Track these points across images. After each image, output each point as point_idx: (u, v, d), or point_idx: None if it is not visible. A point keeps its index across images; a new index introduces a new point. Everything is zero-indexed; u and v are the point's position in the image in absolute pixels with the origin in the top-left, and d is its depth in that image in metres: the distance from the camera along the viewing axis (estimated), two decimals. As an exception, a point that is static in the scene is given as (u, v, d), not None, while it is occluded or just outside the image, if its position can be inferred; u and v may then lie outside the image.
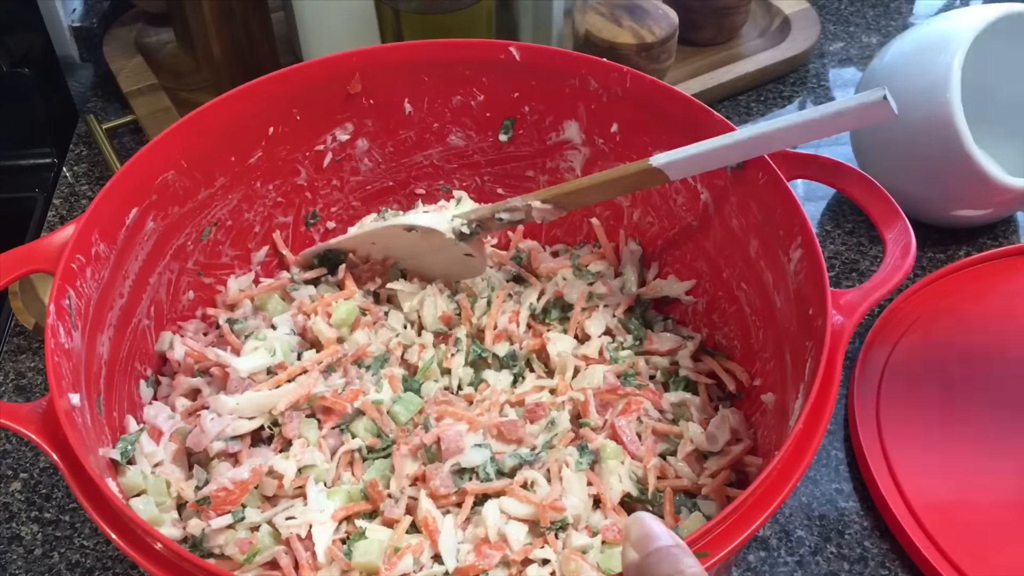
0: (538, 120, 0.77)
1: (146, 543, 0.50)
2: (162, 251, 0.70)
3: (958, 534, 0.71)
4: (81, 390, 0.58)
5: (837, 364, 0.55)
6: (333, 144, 0.77)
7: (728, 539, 0.49)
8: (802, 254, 0.61)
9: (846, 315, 0.57)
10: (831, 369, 0.54)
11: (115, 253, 0.65)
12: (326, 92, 0.74)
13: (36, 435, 0.53)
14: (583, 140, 0.77)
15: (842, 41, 1.20)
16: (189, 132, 0.69)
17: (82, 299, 0.61)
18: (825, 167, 0.66)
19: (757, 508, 0.50)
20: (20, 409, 0.54)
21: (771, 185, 0.64)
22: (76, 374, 0.58)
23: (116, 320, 0.66)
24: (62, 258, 0.59)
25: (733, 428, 0.67)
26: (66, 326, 0.58)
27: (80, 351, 0.60)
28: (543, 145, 0.79)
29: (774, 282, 0.65)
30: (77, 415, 0.56)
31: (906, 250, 0.60)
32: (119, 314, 0.66)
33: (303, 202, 0.79)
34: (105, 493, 0.50)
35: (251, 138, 0.73)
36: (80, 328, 0.60)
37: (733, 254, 0.70)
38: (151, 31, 1.12)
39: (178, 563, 0.49)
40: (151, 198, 0.68)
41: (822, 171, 0.66)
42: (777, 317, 0.65)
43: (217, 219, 0.74)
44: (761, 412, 0.67)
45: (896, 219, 0.62)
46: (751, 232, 0.68)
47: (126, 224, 0.66)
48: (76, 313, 0.60)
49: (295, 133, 0.75)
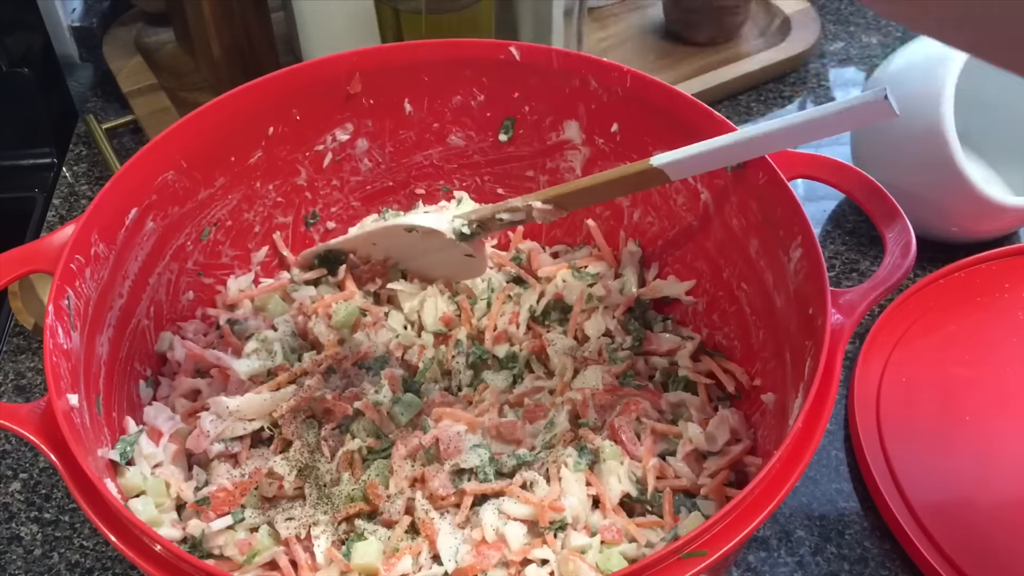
0: (538, 120, 0.77)
1: (145, 544, 0.50)
2: (162, 251, 0.70)
3: (958, 534, 0.70)
4: (80, 390, 0.58)
5: (836, 363, 0.54)
6: (333, 144, 0.77)
7: (726, 538, 0.48)
8: (802, 254, 0.61)
9: (846, 314, 0.57)
10: (830, 368, 0.54)
11: (114, 253, 0.65)
12: (326, 92, 0.74)
13: (35, 436, 0.53)
14: (583, 140, 0.77)
15: (842, 41, 1.19)
16: (189, 132, 0.69)
17: (81, 299, 0.61)
18: (826, 167, 0.66)
19: (755, 507, 0.50)
20: (19, 410, 0.54)
21: (772, 185, 0.64)
22: (75, 375, 0.58)
23: (115, 320, 0.66)
24: (61, 258, 0.59)
25: (732, 428, 0.67)
26: (65, 326, 0.58)
27: (79, 351, 0.60)
28: (543, 145, 0.78)
29: (774, 282, 0.65)
30: (76, 416, 0.55)
31: (906, 249, 0.60)
32: (118, 314, 0.66)
33: (303, 202, 0.79)
34: (103, 494, 0.50)
35: (251, 138, 0.73)
36: (79, 328, 0.60)
37: (733, 254, 0.70)
38: (151, 31, 1.12)
39: (176, 564, 0.49)
40: (151, 198, 0.68)
41: (823, 171, 0.66)
42: (777, 317, 0.65)
43: (217, 219, 0.74)
44: (761, 412, 0.67)
45: (896, 218, 0.62)
46: (751, 232, 0.67)
47: (126, 224, 0.66)
48: (75, 313, 0.60)
49: (295, 133, 0.75)
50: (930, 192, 0.85)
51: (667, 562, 0.48)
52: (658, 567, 0.47)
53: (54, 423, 0.52)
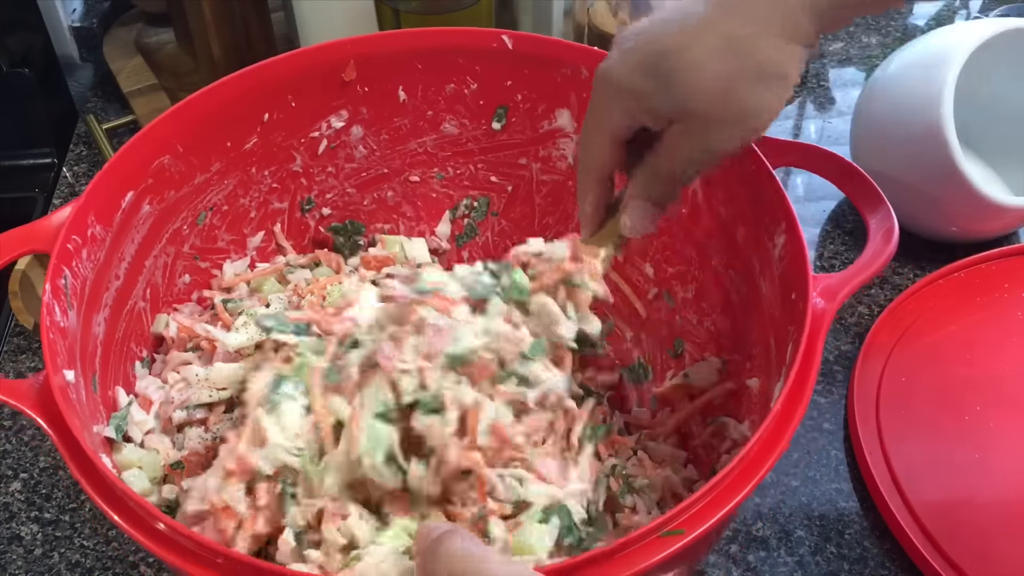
0: (531, 108, 0.78)
1: (140, 517, 0.50)
2: (158, 234, 0.71)
3: (958, 534, 0.71)
4: (76, 367, 0.59)
5: (817, 346, 0.55)
6: (328, 131, 0.78)
7: (704, 518, 0.49)
8: (786, 239, 0.62)
9: (828, 299, 0.58)
10: (811, 352, 0.55)
11: (111, 235, 0.66)
12: (321, 79, 0.75)
13: (32, 410, 0.53)
14: (575, 128, 0.77)
15: (842, 41, 1.20)
16: (185, 117, 0.70)
17: (78, 279, 0.62)
18: (810, 153, 0.66)
19: (734, 488, 0.50)
20: (19, 385, 0.55)
21: (758, 173, 0.65)
22: (71, 352, 0.59)
23: (112, 301, 0.67)
24: (58, 239, 0.60)
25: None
26: (62, 305, 0.59)
27: (76, 330, 0.61)
28: (536, 133, 0.79)
29: (760, 268, 0.66)
30: (72, 391, 0.56)
31: (888, 235, 0.61)
32: (115, 295, 0.67)
33: (298, 188, 0.80)
34: (98, 466, 0.50)
35: (246, 124, 0.74)
36: (76, 307, 0.61)
37: (721, 241, 0.71)
38: (151, 31, 1.11)
39: (173, 537, 0.49)
40: (147, 182, 0.69)
41: (806, 158, 0.66)
42: (763, 303, 0.66)
43: (213, 204, 0.75)
44: (748, 399, 0.67)
45: (879, 204, 0.63)
46: (738, 219, 0.68)
47: (122, 207, 0.67)
48: (72, 293, 0.61)
49: (290, 119, 0.76)
50: (930, 192, 0.86)
51: (645, 540, 0.48)
52: (636, 545, 0.48)
53: (51, 398, 0.53)
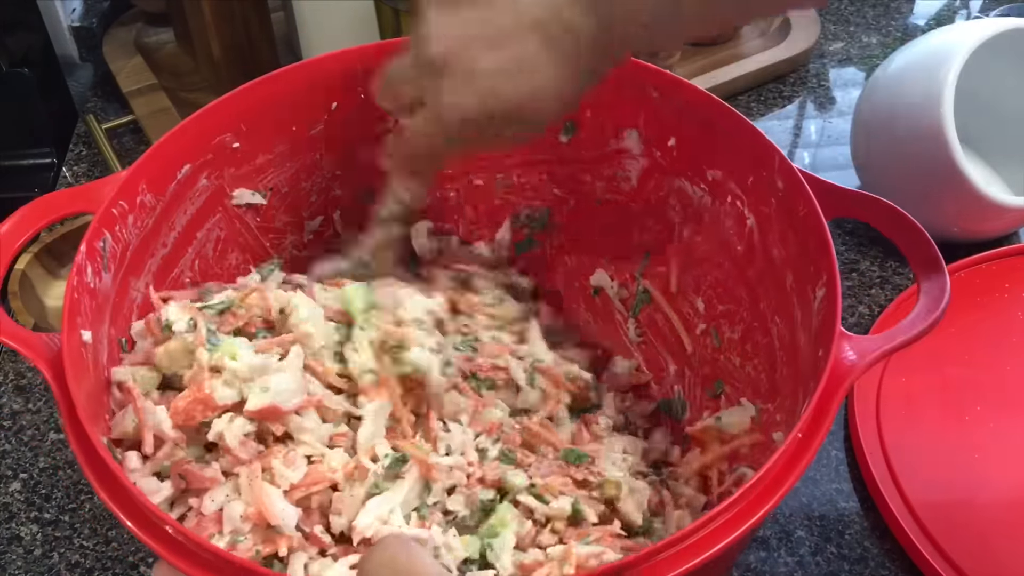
0: (599, 126, 0.76)
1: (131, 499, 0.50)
2: (213, 209, 0.73)
3: (958, 534, 0.71)
4: (103, 327, 0.61)
5: (832, 406, 0.52)
6: (394, 126, 0.78)
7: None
8: (825, 293, 0.59)
9: (855, 358, 0.54)
10: (823, 410, 0.52)
11: (162, 204, 0.67)
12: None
13: (42, 366, 0.54)
14: (642, 151, 0.76)
15: (842, 41, 1.19)
16: (252, 97, 0.71)
17: (119, 244, 0.63)
18: (864, 204, 0.63)
19: (700, 546, 0.48)
20: (36, 339, 0.56)
21: (808, 219, 0.62)
22: (99, 312, 0.61)
23: (156, 268, 0.68)
24: (103, 202, 0.62)
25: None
26: (96, 267, 0.61)
27: (109, 292, 0.62)
28: (603, 151, 0.78)
29: (801, 319, 0.63)
30: (87, 352, 0.58)
31: (937, 301, 0.57)
32: (159, 263, 0.69)
33: (361, 178, 0.80)
34: (89, 434, 0.51)
35: (314, 111, 0.75)
36: (112, 271, 0.63)
37: (771, 285, 0.68)
38: (151, 31, 1.13)
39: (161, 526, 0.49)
40: (206, 156, 0.70)
41: (862, 209, 0.63)
42: (799, 356, 0.63)
43: (273, 185, 0.76)
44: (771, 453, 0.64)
45: (936, 268, 0.59)
46: (788, 264, 0.65)
47: (177, 178, 0.68)
48: (110, 256, 0.62)
49: (358, 111, 0.76)
50: (930, 192, 0.86)
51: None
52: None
53: (60, 357, 0.54)
